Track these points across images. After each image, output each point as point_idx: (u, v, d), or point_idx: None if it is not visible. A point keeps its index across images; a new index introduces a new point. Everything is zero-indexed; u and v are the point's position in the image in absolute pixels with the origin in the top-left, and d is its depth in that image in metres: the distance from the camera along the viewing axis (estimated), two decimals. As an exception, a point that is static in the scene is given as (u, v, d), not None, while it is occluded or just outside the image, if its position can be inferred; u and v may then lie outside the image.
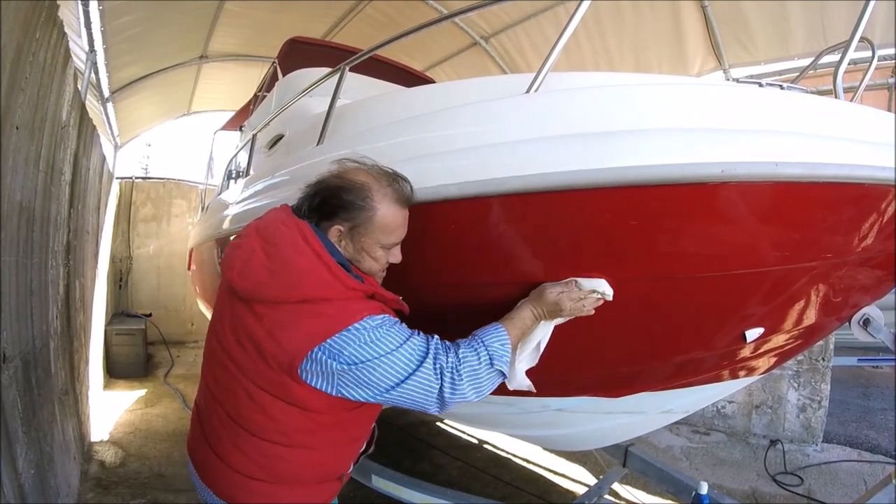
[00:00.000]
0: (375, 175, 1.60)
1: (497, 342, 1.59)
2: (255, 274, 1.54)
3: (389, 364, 1.47)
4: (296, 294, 1.50)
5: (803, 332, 2.08)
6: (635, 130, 1.44)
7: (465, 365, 1.52)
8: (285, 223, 1.59)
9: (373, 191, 1.57)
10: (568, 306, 1.64)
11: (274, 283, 1.51)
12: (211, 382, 1.72)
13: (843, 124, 1.51)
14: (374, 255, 1.63)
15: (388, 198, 1.58)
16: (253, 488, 1.63)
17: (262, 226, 1.65)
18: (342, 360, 1.45)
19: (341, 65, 2.30)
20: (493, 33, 7.31)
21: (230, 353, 1.60)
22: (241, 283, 1.57)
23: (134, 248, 9.16)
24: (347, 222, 1.58)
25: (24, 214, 2.42)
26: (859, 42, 1.70)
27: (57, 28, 2.69)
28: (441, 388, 1.50)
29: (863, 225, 1.61)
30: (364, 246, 1.61)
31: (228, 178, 5.07)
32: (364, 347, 1.46)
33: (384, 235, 1.61)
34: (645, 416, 2.35)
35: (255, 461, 1.61)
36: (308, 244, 1.52)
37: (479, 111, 1.66)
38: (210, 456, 1.70)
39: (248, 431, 1.60)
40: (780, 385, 5.17)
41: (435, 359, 1.51)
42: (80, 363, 4.46)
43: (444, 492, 3.00)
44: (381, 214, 1.58)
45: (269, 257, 1.53)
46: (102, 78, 5.73)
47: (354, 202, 1.56)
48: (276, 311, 1.52)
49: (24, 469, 2.37)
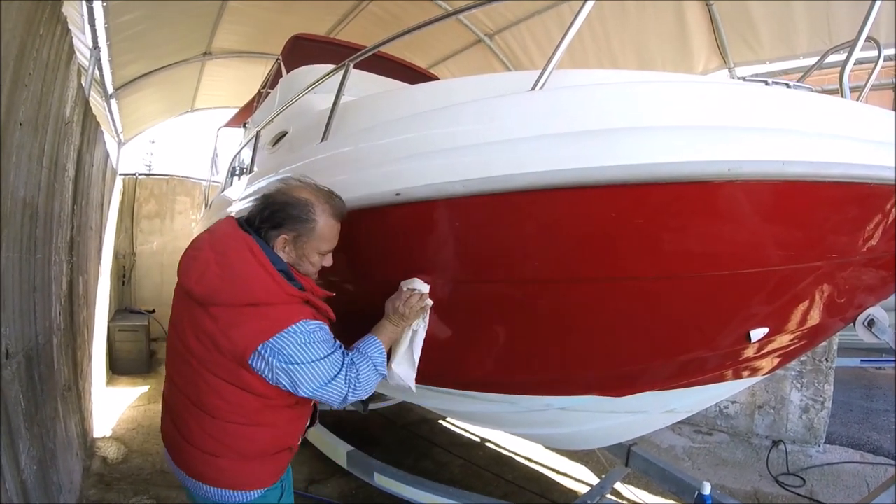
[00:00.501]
0: (315, 193, 1.89)
1: (377, 353, 1.98)
2: (210, 281, 1.77)
3: (316, 371, 1.78)
4: (244, 298, 1.75)
5: (808, 332, 2.07)
6: (641, 128, 1.43)
7: (362, 375, 1.89)
8: (234, 238, 1.83)
9: (315, 206, 1.85)
10: (399, 307, 2.00)
11: (226, 288, 1.75)
12: (175, 375, 1.95)
13: (850, 123, 1.50)
14: (311, 260, 1.93)
15: (326, 213, 1.87)
16: (219, 465, 1.87)
17: (214, 240, 1.87)
18: (281, 359, 1.73)
19: (346, 61, 2.29)
20: (497, 31, 7.30)
21: (190, 349, 1.82)
22: (198, 289, 1.78)
23: (137, 245, 9.19)
24: (292, 232, 1.86)
25: (27, 211, 2.42)
26: (865, 41, 1.69)
27: (60, 25, 2.69)
28: (346, 394, 1.86)
29: (868, 225, 1.61)
30: (305, 252, 1.90)
31: (232, 175, 5.08)
32: (299, 351, 1.75)
33: (322, 243, 1.91)
34: (648, 416, 2.34)
35: (219, 441, 1.85)
36: (254, 256, 1.77)
37: (483, 108, 1.65)
38: (180, 441, 1.94)
39: (210, 415, 1.84)
40: (783, 386, 5.17)
41: (347, 372, 1.85)
42: (83, 359, 4.46)
43: (446, 490, 3.01)
44: (321, 226, 1.87)
45: (220, 267, 1.77)
46: (106, 74, 5.72)
47: (299, 216, 1.84)
48: (228, 312, 1.76)
49: (26, 465, 2.37)
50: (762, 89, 1.56)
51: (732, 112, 1.45)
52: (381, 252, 2.17)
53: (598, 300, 1.80)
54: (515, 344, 2.02)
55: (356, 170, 1.94)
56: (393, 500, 3.09)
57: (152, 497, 3.84)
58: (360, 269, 2.28)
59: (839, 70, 1.72)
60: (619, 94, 1.50)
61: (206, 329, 1.77)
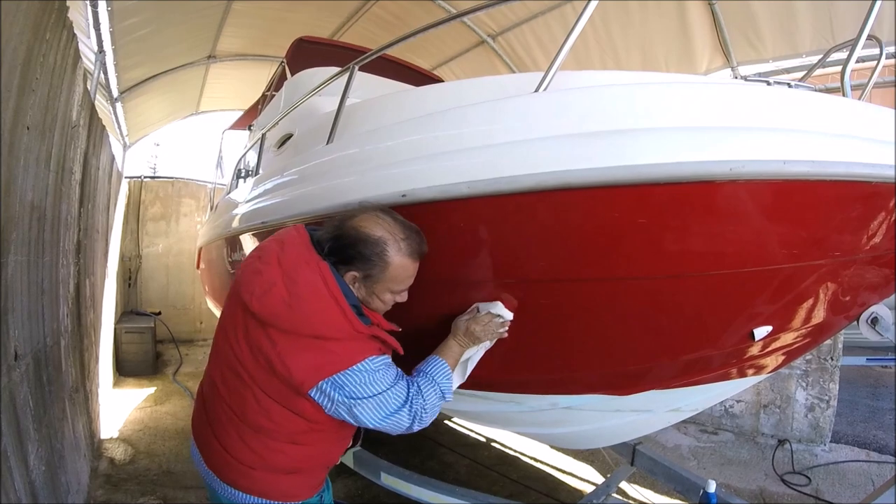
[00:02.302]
0: (391, 229, 1.73)
1: (445, 379, 1.88)
2: (274, 304, 1.66)
3: (378, 403, 1.68)
4: (309, 330, 1.65)
5: (811, 330, 2.07)
6: (643, 129, 1.44)
7: (428, 403, 1.79)
8: (308, 262, 1.71)
9: (388, 246, 1.70)
10: (477, 330, 1.92)
11: (290, 316, 1.65)
12: (218, 380, 1.85)
13: (851, 122, 1.51)
14: (382, 299, 1.80)
15: (401, 252, 1.72)
16: (254, 476, 1.81)
17: (284, 258, 1.74)
18: (343, 394, 1.65)
19: (351, 64, 2.31)
20: (500, 32, 7.29)
21: (243, 363, 1.74)
22: (259, 308, 1.68)
23: (143, 247, 9.21)
24: (362, 271, 1.73)
25: (35, 214, 2.44)
26: (867, 40, 1.70)
27: (66, 30, 2.71)
28: (411, 425, 1.76)
29: (871, 223, 1.61)
30: (375, 291, 1.77)
31: (237, 178, 5.09)
32: (362, 387, 1.66)
33: (394, 284, 1.77)
34: (653, 415, 2.35)
35: (257, 453, 1.79)
36: (327, 287, 1.66)
37: (487, 110, 1.66)
38: (215, 445, 1.87)
39: (253, 430, 1.78)
40: (789, 384, 5.16)
41: (411, 404, 1.75)
42: (90, 361, 4.49)
43: (452, 489, 3.01)
44: (394, 268, 1.72)
45: (288, 292, 1.66)
46: (111, 78, 5.74)
47: (371, 256, 1.70)
48: (287, 339, 1.66)
49: (34, 466, 2.39)
50: (763, 89, 1.57)
51: (734, 112, 1.46)
52: None
53: (602, 300, 1.81)
54: (521, 343, 2.02)
55: (362, 172, 1.95)
56: (399, 499, 3.10)
57: (159, 497, 3.86)
58: None
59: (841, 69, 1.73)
60: (621, 95, 1.51)
61: (262, 348, 1.69)
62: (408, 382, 1.79)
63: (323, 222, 1.87)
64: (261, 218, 2.86)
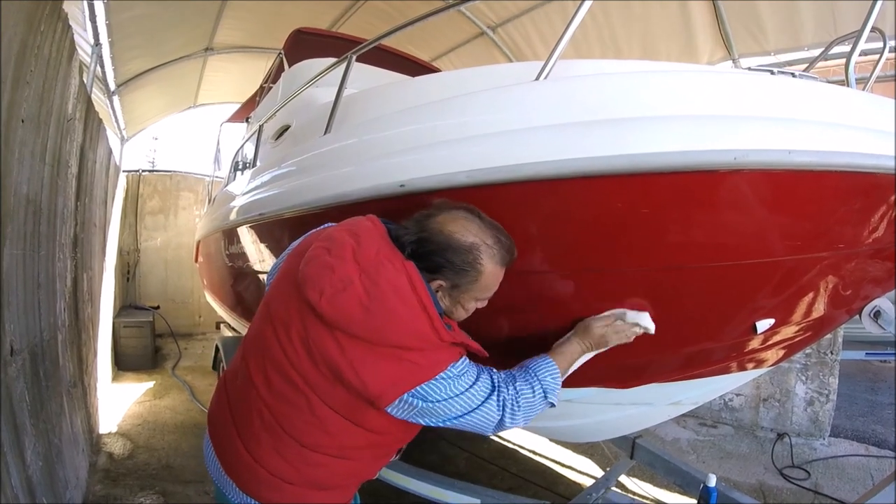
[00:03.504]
0: (482, 233, 1.56)
1: (550, 377, 1.69)
2: (349, 307, 1.46)
3: (462, 400, 1.53)
4: (389, 339, 1.47)
5: (813, 323, 2.06)
6: (647, 118, 1.43)
7: (523, 398, 1.62)
8: (392, 260, 1.51)
9: (481, 253, 1.54)
10: (613, 339, 1.78)
11: (368, 322, 1.45)
12: (259, 380, 1.63)
13: (857, 113, 1.49)
14: (466, 308, 1.65)
15: (493, 260, 1.56)
16: (284, 490, 1.62)
17: (363, 256, 1.53)
18: (425, 400, 1.49)
19: (348, 53, 2.29)
20: (499, 23, 7.26)
21: (298, 368, 1.55)
22: (329, 310, 1.48)
23: (141, 241, 9.19)
24: (450, 280, 1.57)
25: (30, 207, 2.42)
26: (871, 32, 1.68)
27: (62, 21, 2.68)
28: (501, 419, 1.59)
29: (874, 215, 1.60)
30: (461, 301, 1.63)
31: (235, 170, 5.07)
32: (446, 391, 1.50)
33: (481, 293, 1.63)
34: (653, 408, 2.34)
35: (294, 466, 1.60)
36: (415, 292, 1.47)
37: (487, 99, 1.64)
38: (240, 450, 1.65)
39: (298, 442, 1.58)
40: (788, 378, 5.16)
41: (499, 394, 1.59)
42: (89, 355, 4.47)
43: (451, 483, 3.01)
44: (485, 277, 1.57)
45: (368, 295, 1.46)
46: (108, 71, 5.72)
47: (462, 266, 1.54)
48: (360, 346, 1.47)
49: (32, 461, 2.38)
50: (768, 78, 1.55)
51: (738, 101, 1.44)
52: None
53: (603, 291, 1.80)
54: (520, 335, 2.01)
55: (360, 162, 1.92)
56: (399, 493, 3.10)
57: (159, 492, 3.85)
58: None
59: (844, 61, 1.71)
60: (624, 83, 1.50)
61: (327, 354, 1.49)
62: (492, 373, 1.64)
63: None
64: (258, 210, 2.84)
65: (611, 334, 1.78)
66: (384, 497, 3.49)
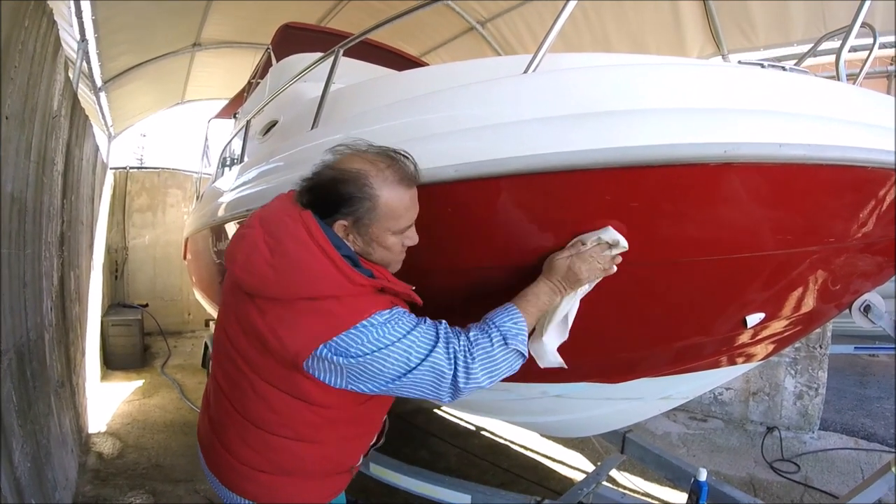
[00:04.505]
0: (371, 158, 1.49)
1: (510, 321, 1.52)
2: (258, 269, 1.45)
3: (398, 352, 1.40)
4: (300, 292, 1.42)
5: (804, 317, 2.07)
6: (636, 110, 1.41)
7: (478, 348, 1.47)
8: (289, 214, 1.48)
9: (370, 177, 1.45)
10: (582, 269, 1.56)
11: (277, 279, 1.42)
12: (219, 373, 1.67)
13: (847, 107, 1.49)
14: (385, 245, 1.53)
15: (388, 181, 1.46)
16: (259, 480, 1.60)
17: (266, 216, 1.54)
18: (349, 356, 1.39)
19: (335, 48, 2.27)
20: (489, 18, 7.25)
21: (237, 347, 1.55)
22: (244, 277, 1.49)
23: (129, 239, 9.13)
24: (350, 216, 1.47)
25: (15, 205, 2.39)
26: (861, 28, 1.68)
27: (46, 17, 2.65)
28: (455, 375, 1.44)
29: (865, 209, 1.60)
30: (373, 237, 1.51)
31: (223, 166, 5.05)
32: (372, 342, 1.39)
33: (392, 222, 1.50)
34: (644, 403, 2.34)
35: (261, 454, 1.58)
36: (313, 238, 1.41)
37: (475, 92, 1.62)
38: (217, 445, 1.67)
39: (254, 425, 1.56)
40: (778, 372, 5.19)
41: (447, 343, 1.45)
42: (77, 355, 4.44)
43: (442, 479, 3.00)
44: (385, 201, 1.46)
45: (272, 252, 1.44)
46: (95, 67, 5.68)
47: (353, 194, 1.45)
48: (277, 307, 1.44)
49: (20, 462, 2.36)
50: (758, 72, 1.55)
51: (728, 94, 1.43)
52: None
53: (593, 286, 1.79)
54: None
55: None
56: (390, 490, 3.09)
57: (149, 492, 3.83)
58: None
59: (834, 57, 1.71)
60: (614, 76, 1.49)
61: (252, 323, 1.47)
62: (438, 324, 1.50)
63: None
64: (245, 206, 2.82)
65: (578, 264, 1.55)
66: (374, 494, 3.50)
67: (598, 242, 1.58)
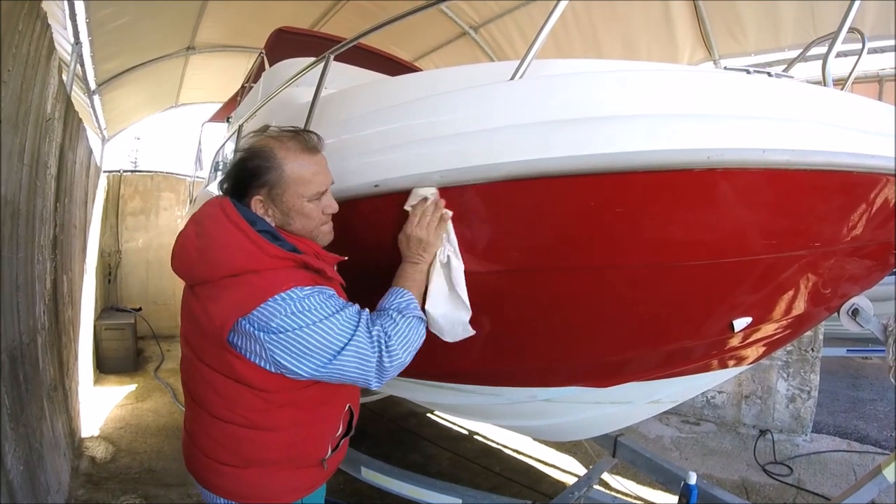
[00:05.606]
0: (275, 135, 1.62)
1: (397, 298, 1.64)
2: (188, 256, 1.57)
3: (321, 333, 1.46)
4: (223, 269, 1.49)
5: (792, 321, 2.08)
6: (621, 116, 1.42)
7: (389, 327, 1.55)
8: (211, 203, 1.59)
9: (274, 149, 1.57)
10: (419, 232, 1.65)
11: (201, 259, 1.53)
12: (182, 372, 1.74)
13: (832, 112, 1.50)
14: (303, 212, 1.62)
15: (292, 150, 1.59)
16: (224, 472, 1.64)
17: (197, 212, 1.64)
18: (270, 331, 1.43)
19: (326, 53, 2.27)
20: (482, 23, 7.25)
21: (187, 337, 1.64)
22: (179, 267, 1.61)
23: (123, 242, 9.10)
24: (262, 188, 1.58)
25: (8, 209, 2.39)
26: (850, 33, 1.69)
27: (40, 20, 2.66)
28: (380, 357, 1.52)
29: (851, 214, 1.61)
30: (289, 206, 1.60)
31: (216, 170, 5.05)
32: (292, 317, 1.44)
33: (302, 187, 1.59)
34: (633, 406, 2.35)
35: (222, 444, 1.62)
36: (227, 217, 1.51)
37: (461, 98, 1.63)
38: (189, 443, 1.74)
39: (209, 413, 1.61)
40: (770, 375, 5.20)
41: (368, 328, 1.52)
42: (69, 359, 4.43)
43: (433, 483, 3.01)
44: (291, 167, 1.57)
45: (198, 238, 1.55)
46: (88, 70, 5.66)
47: (260, 165, 1.56)
48: (207, 288, 1.53)
49: (12, 466, 2.36)
50: (743, 77, 1.56)
51: (712, 100, 1.44)
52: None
53: (580, 289, 1.79)
54: (499, 334, 2.00)
55: (337, 161, 1.91)
56: (381, 493, 3.09)
57: (141, 496, 3.83)
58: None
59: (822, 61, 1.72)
60: (598, 82, 1.49)
61: (192, 311, 1.56)
62: (359, 310, 1.58)
63: None
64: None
65: (413, 229, 1.65)
66: (366, 497, 3.50)
67: (417, 202, 1.67)
